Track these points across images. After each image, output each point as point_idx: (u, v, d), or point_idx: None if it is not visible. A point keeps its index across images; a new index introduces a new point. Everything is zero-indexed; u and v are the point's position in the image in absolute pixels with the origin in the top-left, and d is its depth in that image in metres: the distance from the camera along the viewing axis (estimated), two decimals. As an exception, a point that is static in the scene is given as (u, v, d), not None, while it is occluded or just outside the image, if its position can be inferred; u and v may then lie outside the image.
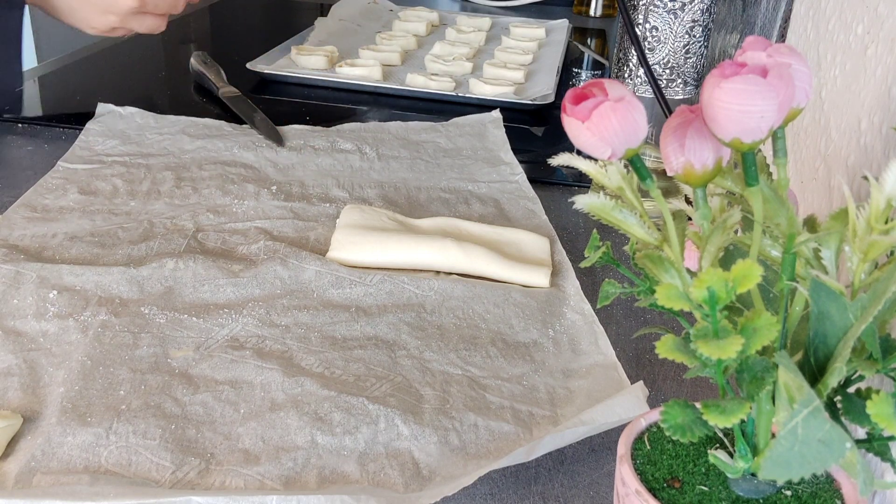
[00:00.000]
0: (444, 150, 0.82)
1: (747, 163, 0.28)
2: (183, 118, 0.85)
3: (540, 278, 0.58)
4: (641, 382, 0.45)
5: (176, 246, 0.61)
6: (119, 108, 0.85)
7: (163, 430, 0.43)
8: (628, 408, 0.43)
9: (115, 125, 0.82)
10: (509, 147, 0.82)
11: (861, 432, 0.30)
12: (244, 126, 0.85)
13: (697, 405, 0.29)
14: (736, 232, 0.31)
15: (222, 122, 0.85)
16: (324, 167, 0.76)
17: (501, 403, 0.46)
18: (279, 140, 0.80)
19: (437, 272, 0.59)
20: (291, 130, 0.84)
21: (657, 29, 0.98)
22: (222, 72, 0.96)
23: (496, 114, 0.89)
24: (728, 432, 0.32)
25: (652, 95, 1.01)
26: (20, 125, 0.83)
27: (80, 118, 0.83)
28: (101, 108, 0.84)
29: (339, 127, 0.86)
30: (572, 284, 0.58)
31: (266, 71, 1.01)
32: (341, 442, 0.43)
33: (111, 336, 0.50)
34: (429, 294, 0.56)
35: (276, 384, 0.46)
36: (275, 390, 0.46)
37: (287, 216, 0.66)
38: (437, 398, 0.46)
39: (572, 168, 0.35)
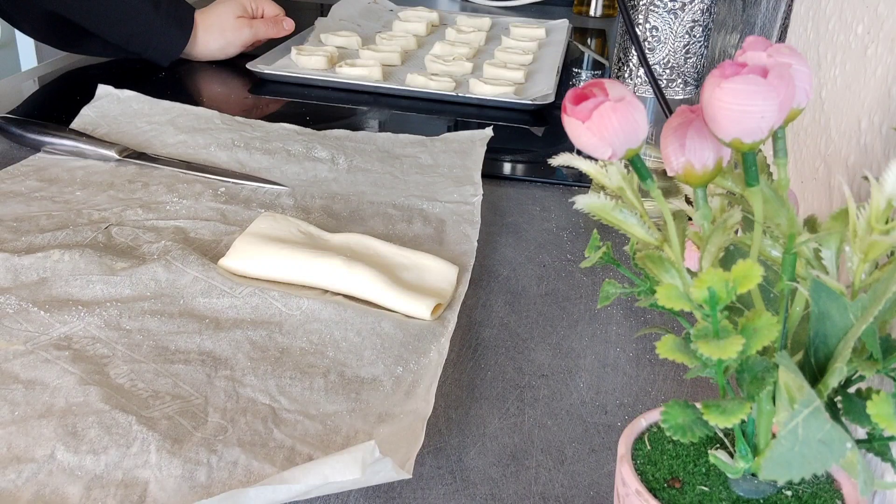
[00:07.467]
0: (419, 167, 0.78)
1: (748, 163, 0.28)
2: (177, 106, 0.86)
3: (421, 310, 0.54)
4: (373, 443, 0.38)
5: (81, 238, 0.59)
6: (117, 91, 0.87)
7: None
8: (339, 469, 0.38)
9: (111, 111, 0.84)
10: (480, 167, 0.77)
11: (861, 432, 0.30)
12: (238, 119, 0.85)
13: (698, 405, 0.29)
14: (736, 232, 0.31)
15: (214, 113, 0.85)
16: (288, 174, 0.75)
17: (283, 442, 0.43)
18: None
19: (325, 291, 0.57)
20: (278, 131, 0.83)
21: (657, 29, 0.98)
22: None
23: (488, 131, 0.85)
24: (728, 432, 0.32)
25: (652, 95, 1.01)
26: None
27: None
28: (101, 90, 0.87)
29: (327, 132, 0.84)
30: (455, 321, 0.54)
31: (266, 71, 1.01)
32: (81, 461, 0.40)
33: None
34: (293, 313, 0.53)
35: (65, 391, 0.45)
36: (59, 397, 0.44)
37: (214, 218, 0.65)
38: (217, 427, 0.44)
39: (572, 168, 0.35)
